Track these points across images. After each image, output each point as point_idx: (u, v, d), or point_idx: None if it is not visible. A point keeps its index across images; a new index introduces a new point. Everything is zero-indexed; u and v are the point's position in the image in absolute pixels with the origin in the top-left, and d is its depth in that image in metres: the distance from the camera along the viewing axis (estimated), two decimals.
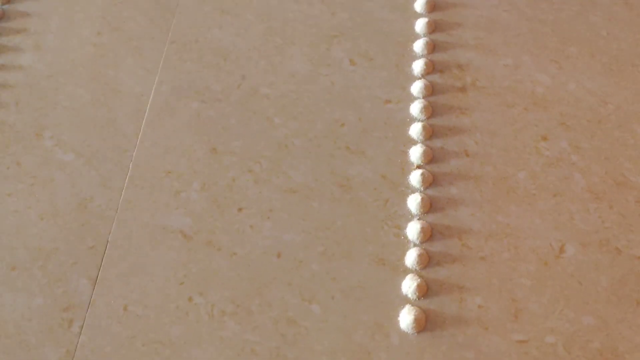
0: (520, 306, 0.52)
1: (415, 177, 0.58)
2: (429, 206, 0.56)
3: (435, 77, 0.64)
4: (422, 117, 0.62)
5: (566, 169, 0.59)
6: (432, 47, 0.67)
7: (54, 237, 0.56)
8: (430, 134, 0.61)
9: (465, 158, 0.59)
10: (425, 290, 0.53)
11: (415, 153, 0.60)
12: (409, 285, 0.53)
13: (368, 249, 0.55)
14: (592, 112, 0.61)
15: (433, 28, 0.68)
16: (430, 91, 0.63)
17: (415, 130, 0.61)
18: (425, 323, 0.51)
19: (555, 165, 0.59)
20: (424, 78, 0.65)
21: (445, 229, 0.56)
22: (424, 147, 0.60)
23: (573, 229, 0.55)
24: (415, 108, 0.62)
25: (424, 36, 0.68)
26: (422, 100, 0.63)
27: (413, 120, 0.62)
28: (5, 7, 0.70)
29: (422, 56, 0.66)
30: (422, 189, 0.57)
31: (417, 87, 0.64)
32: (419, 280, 0.53)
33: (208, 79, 0.65)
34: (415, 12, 0.70)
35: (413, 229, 0.55)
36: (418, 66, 0.65)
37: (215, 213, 0.57)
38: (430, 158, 0.59)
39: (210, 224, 0.56)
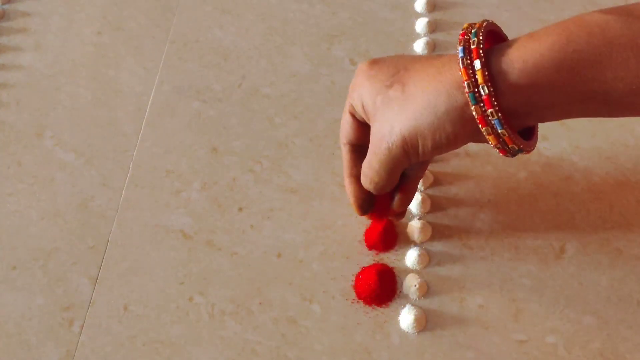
0: (521, 306, 0.52)
1: None
2: (429, 206, 0.56)
3: None
4: None
5: (566, 169, 0.59)
6: (433, 47, 0.67)
7: (55, 236, 0.56)
8: None
9: (466, 158, 0.59)
10: (426, 290, 0.53)
11: None
12: (409, 285, 0.53)
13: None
14: None
15: (433, 28, 0.68)
16: None
17: None
18: (425, 323, 0.51)
19: (555, 165, 0.59)
20: None
21: (445, 229, 0.56)
22: None
23: (573, 229, 0.55)
24: None
25: (425, 36, 0.68)
26: None
27: None
28: (5, 7, 0.70)
29: None
30: (422, 188, 0.57)
31: None
32: (419, 280, 0.53)
33: (208, 79, 0.65)
34: (416, 12, 0.70)
35: (413, 229, 0.55)
36: None
37: (216, 213, 0.57)
38: None
39: (211, 223, 0.56)
